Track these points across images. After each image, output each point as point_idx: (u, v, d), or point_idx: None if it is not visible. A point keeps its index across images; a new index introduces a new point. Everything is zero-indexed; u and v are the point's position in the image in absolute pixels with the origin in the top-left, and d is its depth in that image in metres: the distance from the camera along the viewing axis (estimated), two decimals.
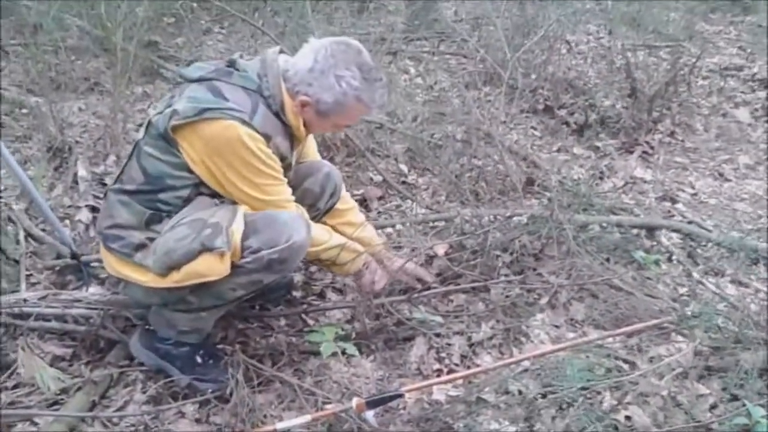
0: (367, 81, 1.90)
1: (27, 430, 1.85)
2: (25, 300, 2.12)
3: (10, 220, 2.63)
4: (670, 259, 2.76)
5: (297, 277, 2.54)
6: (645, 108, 4.04)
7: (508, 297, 2.45)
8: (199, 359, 2.03)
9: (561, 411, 1.87)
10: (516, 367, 2.08)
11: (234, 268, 1.82)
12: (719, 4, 6.68)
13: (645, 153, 3.81)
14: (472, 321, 2.36)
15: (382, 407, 1.89)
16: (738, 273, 2.69)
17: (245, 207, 1.91)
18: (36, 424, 1.86)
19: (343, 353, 2.11)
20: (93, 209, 2.81)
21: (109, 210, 1.95)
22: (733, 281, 2.67)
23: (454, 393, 2.03)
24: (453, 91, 4.18)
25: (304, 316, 2.36)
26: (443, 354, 2.21)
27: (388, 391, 1.91)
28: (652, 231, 2.87)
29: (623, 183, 3.44)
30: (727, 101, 4.61)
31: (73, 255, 2.35)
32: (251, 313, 2.33)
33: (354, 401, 1.81)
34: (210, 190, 1.92)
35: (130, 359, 2.09)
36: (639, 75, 4.21)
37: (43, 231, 2.62)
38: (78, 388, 1.95)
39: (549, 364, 2.10)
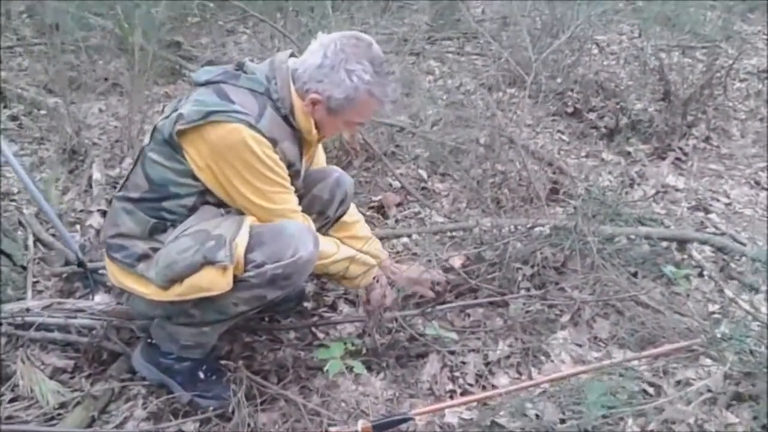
0: (379, 75, 1.83)
1: None
2: (28, 309, 2.08)
3: (20, 224, 2.60)
4: (701, 274, 2.62)
5: (309, 287, 2.46)
6: (679, 112, 3.86)
7: (527, 313, 2.34)
8: (202, 375, 1.97)
9: None
10: (533, 390, 1.97)
11: (237, 282, 1.75)
12: (758, 3, 6.41)
13: (678, 159, 3.64)
14: (488, 338, 2.26)
15: (390, 431, 1.80)
16: None
17: (252, 218, 1.84)
18: None
19: (351, 371, 2.02)
20: (105, 214, 2.75)
21: (114, 218, 1.89)
22: None
23: (467, 416, 1.93)
24: (477, 94, 4.06)
25: (314, 329, 2.27)
26: (457, 373, 2.11)
27: (396, 414, 1.82)
28: (682, 243, 2.72)
29: (654, 191, 3.29)
30: (766, 105, 4.40)
31: (79, 263, 2.30)
32: (260, 326, 2.25)
33: (360, 424, 1.73)
34: (216, 198, 1.85)
35: (132, 372, 2.03)
36: (673, 77, 4.03)
37: (53, 236, 2.57)
38: (77, 402, 1.90)
39: (569, 386, 1.99)
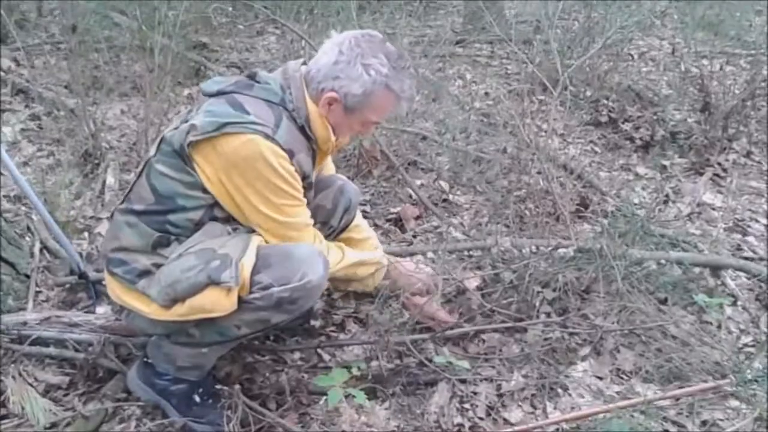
0: (396, 69, 1.78)
1: None
2: (25, 323, 2.02)
3: (28, 229, 2.55)
4: (735, 303, 2.45)
5: (318, 304, 2.36)
6: (719, 124, 3.66)
7: (546, 340, 2.21)
8: (197, 398, 1.88)
9: None
10: (548, 428, 1.85)
11: (241, 303, 1.67)
12: None
13: (716, 175, 3.45)
14: (503, 366, 2.13)
15: None
16: None
17: (259, 238, 1.77)
18: None
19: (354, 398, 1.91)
20: None
21: (115, 231, 1.82)
22: None
23: None
24: (507, 101, 3.92)
25: (319, 350, 2.17)
26: (467, 405, 1.98)
27: None
28: (716, 269, 2.55)
29: (689, 210, 3.11)
30: None
31: (81, 274, 2.24)
32: (263, 345, 2.16)
33: None
34: (224, 213, 1.78)
35: (128, 392, 1.95)
36: (714, 87, 3.83)
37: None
38: (68, 423, 1.83)
39: (586, 425, 1.87)
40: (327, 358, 2.16)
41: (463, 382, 2.04)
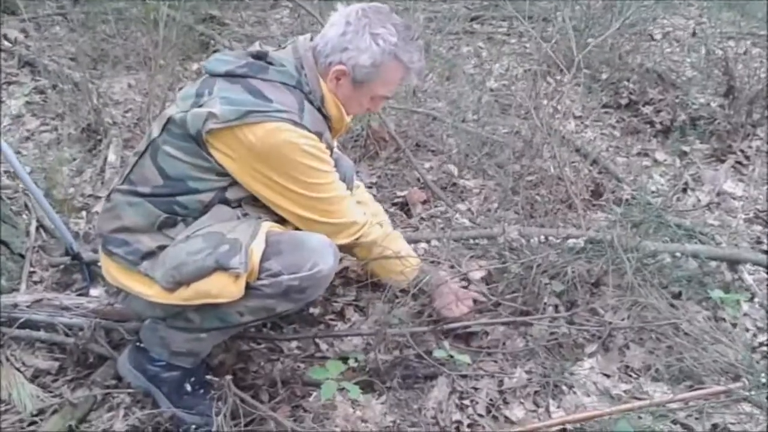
0: (404, 40, 1.76)
1: None
2: (16, 305, 1.97)
3: (26, 207, 2.50)
4: (752, 299, 2.35)
5: None
6: (743, 109, 3.51)
7: (552, 335, 2.12)
8: (189, 387, 1.84)
9: None
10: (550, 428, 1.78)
11: (247, 289, 1.63)
12: None
13: (738, 163, 3.31)
14: (506, 361, 2.06)
15: None
16: None
17: (269, 224, 1.72)
18: None
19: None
20: None
21: (116, 211, 1.75)
22: None
23: None
24: (523, 80, 3.79)
25: (317, 340, 2.11)
26: (467, 401, 1.92)
27: None
28: (734, 264, 2.44)
29: (708, 199, 2.99)
30: None
31: (74, 255, 2.18)
32: (259, 333, 2.10)
33: None
34: (236, 196, 1.74)
35: (118, 378, 1.91)
36: (739, 70, 3.67)
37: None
38: (54, 410, 1.78)
39: (591, 423, 1.79)
40: (324, 347, 2.11)
41: (464, 377, 1.98)
